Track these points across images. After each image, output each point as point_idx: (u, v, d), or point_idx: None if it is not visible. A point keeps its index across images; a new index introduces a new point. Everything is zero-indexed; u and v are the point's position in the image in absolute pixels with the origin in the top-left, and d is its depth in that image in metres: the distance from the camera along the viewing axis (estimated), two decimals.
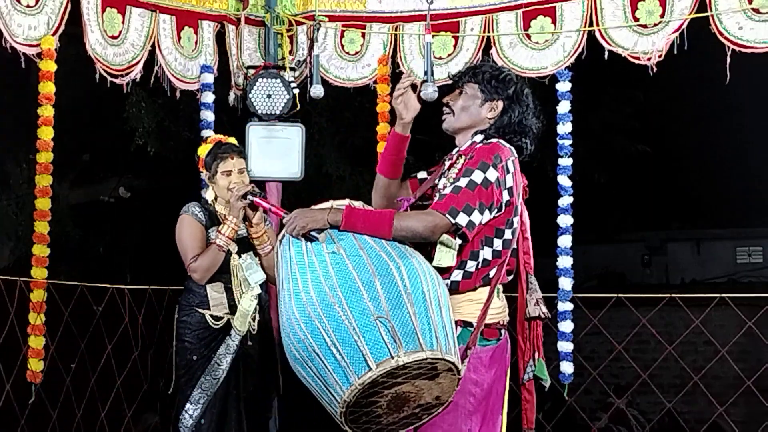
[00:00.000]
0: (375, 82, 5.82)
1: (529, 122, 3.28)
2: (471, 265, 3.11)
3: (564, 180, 5.48)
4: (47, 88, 5.06)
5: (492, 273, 3.12)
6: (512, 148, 3.21)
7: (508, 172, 3.13)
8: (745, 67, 4.97)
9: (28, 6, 4.94)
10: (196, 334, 4.44)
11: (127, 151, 8.84)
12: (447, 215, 2.99)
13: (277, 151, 5.68)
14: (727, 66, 4.91)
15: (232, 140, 4.69)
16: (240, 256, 4.48)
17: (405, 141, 3.33)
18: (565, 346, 5.44)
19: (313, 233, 2.99)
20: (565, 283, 5.44)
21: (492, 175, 3.07)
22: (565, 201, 5.48)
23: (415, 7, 5.66)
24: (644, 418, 11.46)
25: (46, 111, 5.07)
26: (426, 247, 3.11)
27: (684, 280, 16.19)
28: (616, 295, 6.16)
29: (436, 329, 2.85)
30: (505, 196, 3.15)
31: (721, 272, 16.27)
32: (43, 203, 5.10)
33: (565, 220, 5.47)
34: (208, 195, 4.67)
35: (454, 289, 3.11)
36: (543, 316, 3.27)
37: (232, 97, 5.97)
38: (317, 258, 2.96)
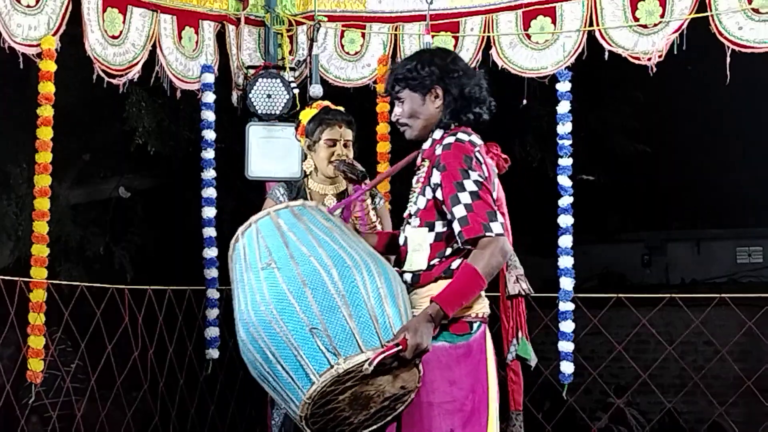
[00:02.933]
0: (375, 82, 5.82)
1: (472, 89, 3.20)
2: (434, 259, 3.08)
3: (564, 180, 5.48)
4: (47, 88, 5.06)
5: (454, 265, 3.05)
6: (472, 138, 3.13)
7: (481, 164, 3.08)
8: (745, 67, 4.97)
9: (28, 6, 4.94)
10: None
11: (127, 151, 8.83)
12: (487, 234, 2.98)
13: (277, 151, 5.68)
14: (727, 66, 4.91)
15: (341, 108, 4.33)
16: None
17: None
18: (566, 346, 5.44)
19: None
20: (566, 283, 5.45)
21: (475, 175, 3.04)
22: (565, 201, 5.48)
23: (415, 7, 5.66)
24: (644, 418, 11.46)
25: (46, 111, 5.07)
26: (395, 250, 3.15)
27: (684, 280, 16.18)
28: (616, 295, 6.16)
29: (377, 325, 2.83)
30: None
31: (721, 272, 16.26)
32: (43, 203, 5.09)
33: (565, 220, 5.47)
34: (306, 166, 4.27)
35: (415, 282, 3.08)
36: (524, 292, 3.24)
37: (235, 96, 5.97)
38: (253, 275, 2.94)
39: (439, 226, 3.07)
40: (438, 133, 3.17)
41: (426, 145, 3.21)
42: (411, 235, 3.13)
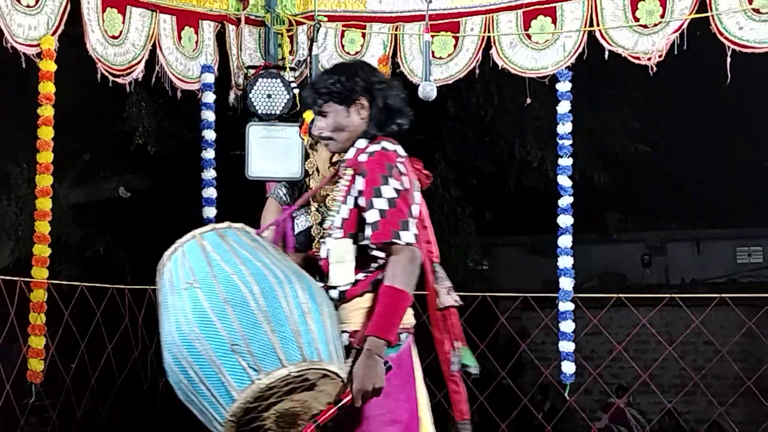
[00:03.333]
0: None
1: (395, 100, 3.18)
2: (360, 274, 3.05)
3: (564, 180, 5.48)
4: (47, 88, 5.06)
5: (381, 278, 3.01)
6: (396, 149, 3.10)
7: (402, 174, 3.06)
8: (745, 67, 4.97)
9: (28, 6, 4.94)
10: None
11: (127, 151, 8.83)
12: (395, 241, 2.96)
13: (277, 151, 5.67)
14: (728, 66, 4.91)
15: None
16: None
17: None
18: (566, 346, 5.44)
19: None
20: (566, 283, 5.44)
21: (395, 183, 3.02)
22: (565, 201, 5.48)
23: (415, 7, 5.66)
24: (644, 418, 11.47)
25: (46, 111, 5.07)
26: (315, 264, 3.13)
27: (684, 280, 16.20)
28: (616, 295, 6.16)
29: (300, 340, 2.82)
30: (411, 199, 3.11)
31: (721, 272, 16.28)
32: (44, 203, 5.10)
33: (565, 220, 5.47)
34: (308, 166, 4.22)
35: (342, 298, 3.06)
36: (457, 303, 3.19)
37: (233, 96, 5.97)
38: (177, 297, 2.93)
39: (363, 237, 3.03)
40: (362, 143, 3.14)
41: (349, 155, 3.17)
42: (333, 248, 3.09)
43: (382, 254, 3.01)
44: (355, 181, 3.07)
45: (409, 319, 3.13)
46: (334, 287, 3.06)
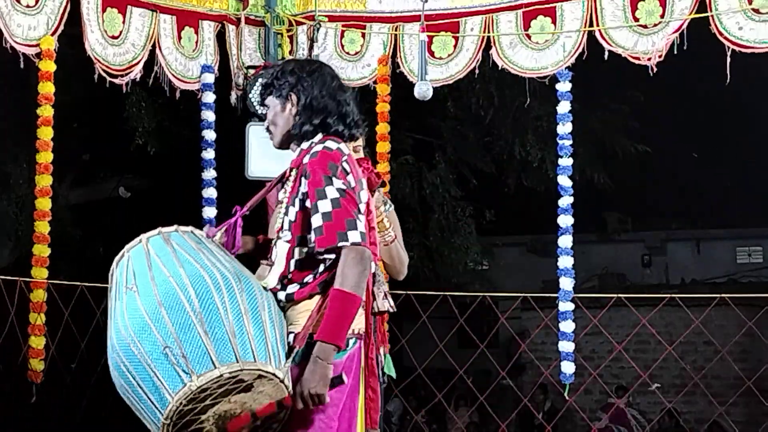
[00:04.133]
0: (375, 82, 5.82)
1: (325, 101, 3.12)
2: (308, 276, 3.02)
3: (564, 180, 5.48)
4: (47, 88, 5.06)
5: (329, 279, 2.97)
6: (340, 147, 3.06)
7: (348, 173, 3.01)
8: (745, 67, 4.97)
9: (27, 6, 4.94)
10: None
11: (127, 151, 8.84)
12: (342, 244, 2.91)
13: (277, 151, 5.63)
14: (728, 66, 4.91)
15: None
16: None
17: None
18: (566, 346, 5.43)
19: None
20: (566, 283, 5.44)
21: (339, 183, 2.97)
22: (565, 201, 5.47)
23: (414, 7, 5.65)
24: (644, 418, 11.47)
25: (46, 111, 5.07)
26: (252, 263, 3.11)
27: (684, 280, 16.21)
28: (616, 295, 6.15)
29: (233, 341, 2.82)
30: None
31: (721, 272, 16.29)
32: (43, 203, 5.10)
33: (565, 220, 5.47)
34: None
35: (290, 300, 3.02)
36: (391, 309, 3.12)
37: (234, 96, 5.97)
38: (119, 300, 2.96)
39: (311, 240, 2.98)
40: (306, 144, 3.12)
41: (294, 155, 3.16)
42: (281, 250, 3.06)
43: (331, 255, 2.96)
44: (300, 183, 3.03)
45: (358, 324, 3.04)
46: (283, 289, 3.02)
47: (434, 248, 11.56)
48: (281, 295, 3.01)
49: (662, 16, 5.11)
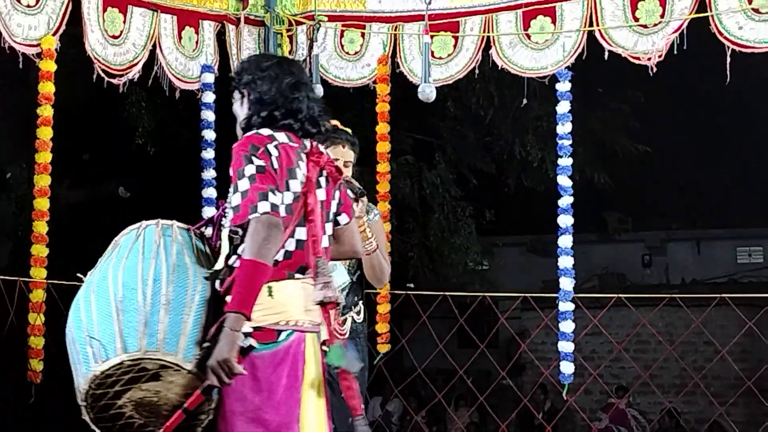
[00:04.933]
0: (375, 82, 5.81)
1: (272, 95, 3.15)
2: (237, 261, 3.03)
3: (564, 180, 5.48)
4: (47, 88, 5.06)
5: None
6: (274, 134, 3.08)
7: (270, 155, 3.03)
8: (745, 67, 4.97)
9: (28, 6, 4.94)
10: None
11: (127, 151, 8.84)
12: (251, 216, 2.92)
13: None
14: (728, 66, 4.91)
15: (348, 130, 4.34)
16: None
17: None
18: (566, 346, 5.43)
19: None
20: (566, 283, 5.44)
21: (259, 162, 3.00)
22: (565, 201, 5.47)
23: (414, 7, 5.65)
24: (644, 418, 11.47)
25: (46, 111, 5.06)
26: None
27: (684, 280, 16.21)
28: (616, 295, 6.15)
29: (142, 331, 2.93)
30: (280, 184, 3.05)
31: (722, 272, 16.29)
32: (43, 203, 5.09)
33: (565, 220, 5.47)
34: None
35: (224, 288, 3.02)
36: (326, 300, 3.05)
37: None
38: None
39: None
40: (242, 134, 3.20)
41: None
42: (224, 236, 3.10)
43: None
44: None
45: (297, 314, 3.04)
46: (217, 278, 3.03)
47: (434, 248, 11.57)
48: (217, 284, 3.04)
49: (662, 16, 5.11)
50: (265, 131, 3.08)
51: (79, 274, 3.24)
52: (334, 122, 4.35)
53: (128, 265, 3.04)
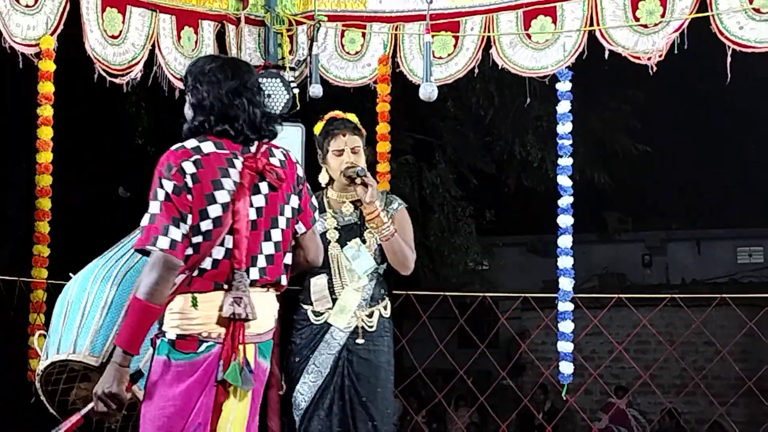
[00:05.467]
0: (375, 82, 5.81)
1: (210, 100, 3.12)
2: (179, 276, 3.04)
3: (564, 180, 5.47)
4: (46, 88, 5.06)
5: (178, 281, 2.99)
6: (199, 145, 3.07)
7: (185, 174, 3.00)
8: (745, 67, 4.96)
9: (27, 6, 4.94)
10: (300, 334, 4.11)
11: (127, 151, 8.84)
12: (149, 247, 2.94)
13: None
14: (728, 66, 4.90)
15: (351, 116, 4.29)
16: (342, 246, 4.13)
17: None
18: (565, 347, 5.42)
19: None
20: (566, 283, 5.43)
21: (169, 185, 2.99)
22: (565, 201, 5.47)
23: (415, 6, 5.65)
24: (644, 418, 11.48)
25: (46, 111, 5.07)
26: None
27: (684, 280, 16.22)
28: (616, 295, 6.15)
29: (75, 333, 3.10)
30: (199, 200, 3.02)
31: (722, 272, 16.31)
32: (44, 203, 5.10)
33: (564, 220, 5.46)
34: (321, 179, 4.26)
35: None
36: (233, 317, 2.99)
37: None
38: None
39: None
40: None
41: None
42: None
43: (190, 251, 2.98)
44: None
45: (220, 327, 3.01)
46: None
47: (434, 248, 11.58)
48: None
49: (663, 16, 5.10)
50: (190, 143, 3.07)
51: (71, 273, 3.34)
52: (333, 113, 4.35)
53: (93, 265, 3.24)
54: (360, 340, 4.08)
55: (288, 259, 3.19)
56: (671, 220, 17.71)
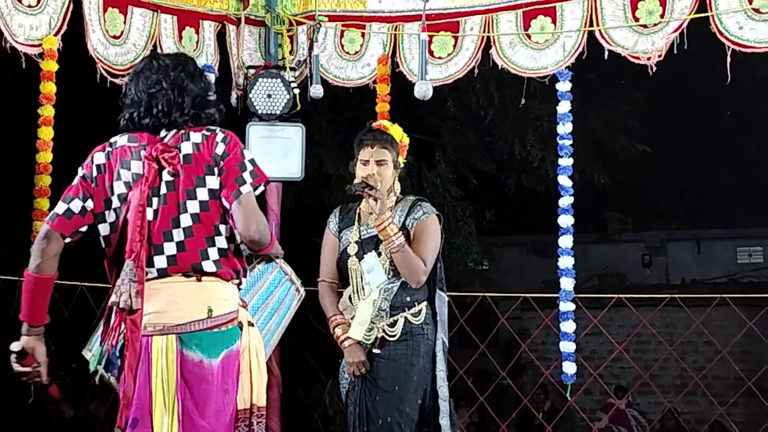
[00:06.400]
0: (375, 82, 5.81)
1: (138, 95, 3.24)
2: None
3: (564, 180, 5.47)
4: (48, 87, 5.07)
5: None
6: (117, 138, 3.24)
7: (93, 164, 3.23)
8: (745, 67, 4.97)
9: (29, 6, 4.94)
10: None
11: None
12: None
13: (278, 151, 5.67)
14: (728, 66, 4.91)
15: (394, 129, 4.34)
16: (360, 259, 4.18)
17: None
18: (567, 347, 5.42)
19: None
20: (566, 283, 5.43)
21: (80, 172, 3.24)
22: (565, 201, 5.47)
23: (414, 6, 5.65)
24: (644, 418, 11.47)
25: (46, 111, 5.07)
26: None
27: (684, 280, 16.22)
28: (616, 295, 6.15)
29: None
30: (102, 191, 3.20)
31: (722, 272, 16.31)
32: (43, 203, 5.10)
33: (565, 220, 5.46)
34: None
35: None
36: (115, 305, 3.14)
37: (235, 96, 5.97)
38: None
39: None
40: None
41: None
42: None
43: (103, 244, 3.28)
44: None
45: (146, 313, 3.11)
46: None
47: None
48: None
49: (662, 16, 5.11)
50: (113, 138, 3.24)
51: None
52: (377, 123, 4.40)
53: None
54: (376, 350, 4.15)
55: (222, 242, 3.17)
56: (671, 220, 17.71)
